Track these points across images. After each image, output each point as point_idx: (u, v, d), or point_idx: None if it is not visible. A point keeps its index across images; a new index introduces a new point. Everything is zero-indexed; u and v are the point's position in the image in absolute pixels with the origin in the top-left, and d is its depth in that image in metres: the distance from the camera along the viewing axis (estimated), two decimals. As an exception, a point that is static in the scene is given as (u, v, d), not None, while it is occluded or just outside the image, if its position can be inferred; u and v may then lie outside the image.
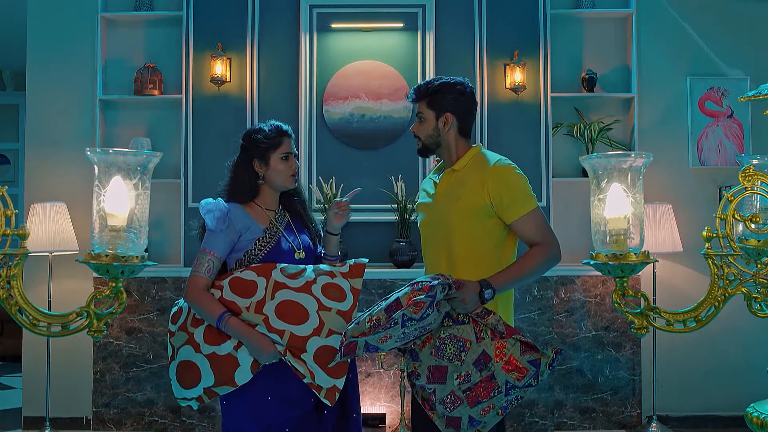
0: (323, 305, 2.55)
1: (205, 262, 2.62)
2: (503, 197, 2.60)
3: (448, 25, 4.90)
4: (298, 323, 2.52)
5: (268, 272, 2.60)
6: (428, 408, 2.52)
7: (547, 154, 4.83)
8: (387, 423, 4.68)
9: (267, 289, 2.57)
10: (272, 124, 2.77)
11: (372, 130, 4.88)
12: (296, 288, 2.57)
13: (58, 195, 4.89)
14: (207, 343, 2.57)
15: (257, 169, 2.73)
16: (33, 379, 4.92)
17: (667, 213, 4.77)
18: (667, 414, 4.96)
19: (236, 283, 2.60)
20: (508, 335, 2.50)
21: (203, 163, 4.82)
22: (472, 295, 2.48)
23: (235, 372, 2.55)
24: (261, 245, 2.69)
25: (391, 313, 2.39)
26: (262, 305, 2.55)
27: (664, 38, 5.09)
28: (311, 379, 2.51)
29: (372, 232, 4.84)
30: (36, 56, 5.07)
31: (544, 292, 4.73)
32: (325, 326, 2.53)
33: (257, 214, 2.73)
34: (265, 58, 4.91)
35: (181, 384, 2.61)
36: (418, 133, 2.74)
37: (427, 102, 2.70)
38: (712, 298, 3.00)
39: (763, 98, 3.14)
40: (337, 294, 2.58)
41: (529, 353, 2.50)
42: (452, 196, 2.65)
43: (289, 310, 2.54)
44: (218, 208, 2.64)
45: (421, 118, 2.72)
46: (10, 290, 2.92)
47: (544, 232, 2.63)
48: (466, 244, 2.62)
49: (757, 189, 2.88)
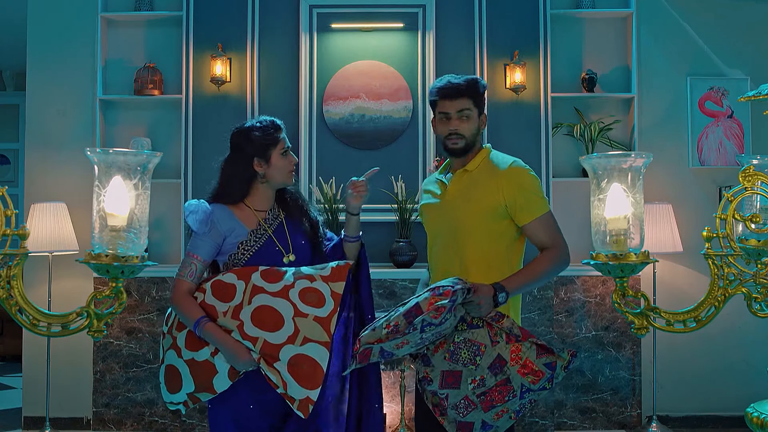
0: (299, 311, 2.45)
1: (188, 266, 2.57)
2: (518, 199, 2.58)
3: (448, 25, 4.90)
4: (272, 330, 2.43)
5: (248, 275, 2.52)
6: (438, 413, 2.48)
7: (547, 154, 4.83)
8: (387, 423, 4.68)
9: (245, 293, 2.49)
10: (265, 120, 2.67)
11: (372, 130, 4.88)
12: (273, 293, 2.48)
13: (58, 195, 4.89)
14: (187, 348, 2.52)
15: (257, 168, 2.63)
16: (33, 379, 4.92)
17: (667, 213, 4.77)
18: (667, 414, 4.96)
19: (217, 287, 2.53)
20: (524, 338, 2.49)
21: (203, 163, 4.81)
22: (486, 299, 2.45)
23: (213, 379, 2.49)
24: (245, 248, 2.61)
25: (410, 318, 2.35)
26: (239, 310, 2.48)
27: (664, 38, 5.09)
28: (284, 390, 2.42)
29: (372, 232, 4.82)
30: (36, 56, 5.07)
31: (544, 292, 4.73)
32: (300, 334, 2.43)
33: (245, 215, 2.64)
34: (265, 58, 4.91)
35: (167, 388, 2.58)
36: (464, 131, 2.62)
37: (474, 100, 2.63)
38: (712, 298, 3.00)
39: (763, 98, 3.14)
40: (315, 299, 2.47)
41: (545, 356, 2.49)
42: (465, 198, 2.62)
43: (264, 316, 2.45)
44: (201, 210, 2.57)
45: (467, 115, 2.62)
46: (10, 290, 2.92)
47: (555, 236, 2.63)
48: (479, 246, 2.60)
49: (757, 189, 2.88)
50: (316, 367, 2.43)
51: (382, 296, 4.65)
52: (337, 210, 4.69)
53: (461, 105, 2.62)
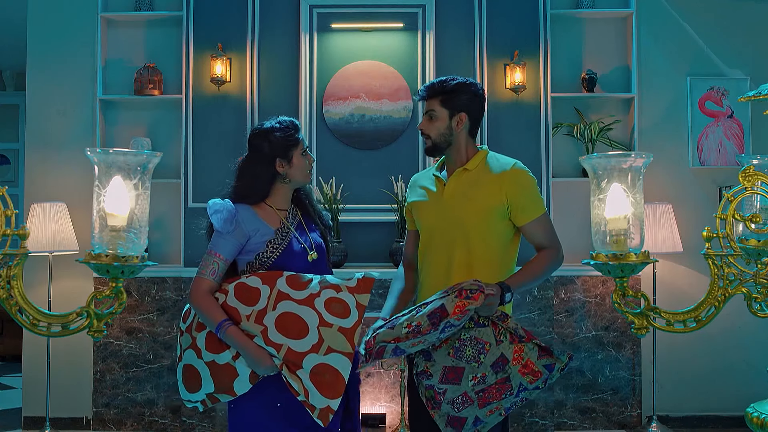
0: (324, 321, 2.46)
1: (210, 264, 2.55)
2: (519, 199, 2.61)
3: (448, 25, 4.90)
4: (296, 337, 2.44)
5: (273, 280, 2.51)
6: (431, 407, 2.51)
7: (547, 154, 4.83)
8: (387, 423, 4.68)
9: (270, 299, 2.49)
10: (284, 120, 2.67)
11: (372, 130, 4.88)
12: (299, 300, 2.48)
13: (58, 195, 4.89)
14: (208, 350, 2.52)
15: (279, 169, 2.63)
16: (33, 379, 4.91)
17: (667, 213, 4.77)
18: (667, 414, 4.96)
19: (241, 289, 2.53)
20: (528, 339, 2.52)
21: (203, 163, 4.82)
22: (495, 298, 2.48)
23: (233, 381, 2.50)
24: (273, 247, 2.61)
25: (435, 320, 2.37)
26: (263, 315, 2.48)
27: (664, 38, 5.09)
28: (305, 398, 2.43)
29: (372, 232, 4.85)
30: (36, 56, 5.06)
31: (544, 292, 4.73)
32: (324, 343, 2.44)
33: (267, 215, 2.64)
34: (265, 58, 4.91)
35: (186, 387, 2.58)
36: (428, 131, 2.68)
37: (440, 100, 2.66)
38: (712, 298, 3.00)
39: (763, 98, 3.14)
40: (340, 310, 2.48)
41: (545, 357, 2.51)
42: (465, 197, 2.63)
43: (289, 323, 2.46)
44: (226, 209, 2.56)
45: (432, 115, 2.67)
46: (10, 290, 2.93)
47: (552, 236, 2.67)
48: (484, 245, 2.62)
49: (757, 189, 2.88)
50: (338, 377, 2.44)
51: (381, 296, 4.64)
52: (337, 210, 4.69)
53: (428, 106, 2.69)
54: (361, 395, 4.64)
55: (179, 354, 2.62)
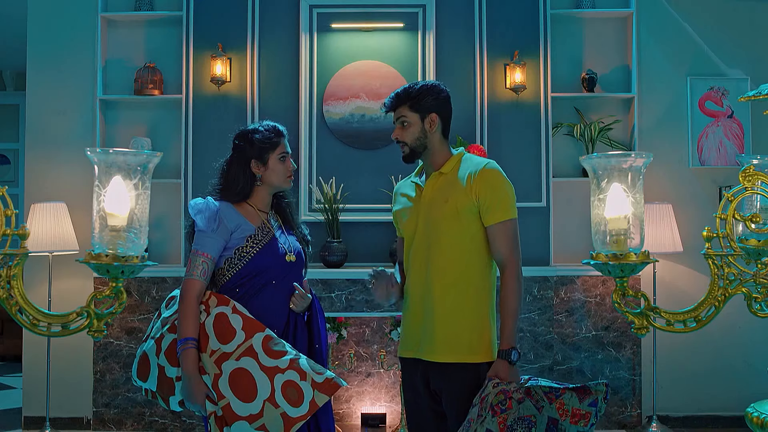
0: (274, 399, 2.42)
1: (199, 265, 2.56)
2: (488, 198, 2.58)
3: (448, 25, 4.90)
4: (241, 399, 2.43)
5: (253, 332, 2.49)
6: None
7: (547, 154, 4.83)
8: (387, 423, 4.68)
9: (240, 347, 2.47)
10: (268, 125, 2.72)
11: (372, 130, 4.88)
12: (263, 366, 2.45)
13: (58, 195, 4.89)
14: (165, 355, 2.55)
15: (255, 170, 2.67)
16: (33, 379, 4.91)
17: (667, 213, 4.77)
18: (667, 414, 4.95)
19: (220, 321, 2.51)
20: (563, 391, 2.53)
21: (203, 163, 4.81)
22: (504, 372, 2.51)
23: (170, 396, 2.57)
24: (253, 243, 2.62)
25: None
26: (225, 359, 2.46)
27: (664, 38, 5.09)
28: None
29: (372, 232, 4.84)
30: (36, 56, 5.06)
31: (544, 292, 4.73)
32: (261, 419, 2.41)
33: (249, 213, 2.67)
34: (265, 58, 4.91)
35: (137, 371, 2.62)
36: (404, 138, 2.68)
37: (409, 106, 2.67)
38: (712, 298, 3.00)
39: (763, 98, 3.14)
40: (294, 397, 2.44)
41: (586, 398, 2.53)
42: (442, 198, 2.63)
43: (242, 381, 2.44)
44: (208, 208, 2.60)
45: (404, 122, 2.68)
46: (10, 290, 2.93)
47: (513, 247, 2.59)
48: (459, 247, 2.60)
49: (757, 189, 2.88)
50: None
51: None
52: (337, 210, 4.69)
53: (398, 114, 2.69)
54: (361, 395, 4.66)
55: (147, 334, 2.65)
